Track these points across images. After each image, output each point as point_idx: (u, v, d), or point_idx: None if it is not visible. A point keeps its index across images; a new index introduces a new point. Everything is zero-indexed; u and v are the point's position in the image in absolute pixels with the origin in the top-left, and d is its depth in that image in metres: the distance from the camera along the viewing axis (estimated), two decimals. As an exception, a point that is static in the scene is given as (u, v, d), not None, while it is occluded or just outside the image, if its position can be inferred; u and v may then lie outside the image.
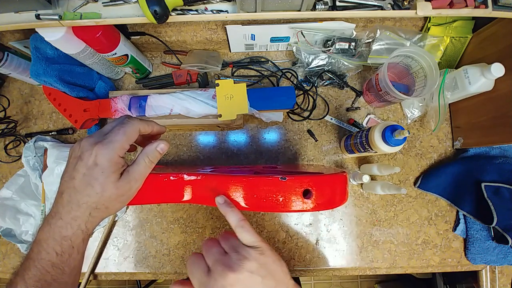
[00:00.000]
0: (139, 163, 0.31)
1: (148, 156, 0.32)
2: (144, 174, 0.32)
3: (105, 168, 0.29)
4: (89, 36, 0.48)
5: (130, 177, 0.30)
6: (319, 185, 0.28)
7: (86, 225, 0.29)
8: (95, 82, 0.62)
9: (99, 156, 0.28)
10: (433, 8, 0.43)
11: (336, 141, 0.64)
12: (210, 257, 0.30)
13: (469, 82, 0.52)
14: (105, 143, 0.29)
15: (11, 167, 0.64)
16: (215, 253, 0.30)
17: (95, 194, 0.29)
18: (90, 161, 0.28)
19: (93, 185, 0.28)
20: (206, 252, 0.31)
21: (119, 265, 0.60)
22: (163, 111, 0.55)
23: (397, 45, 0.58)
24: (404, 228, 0.61)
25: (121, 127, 0.30)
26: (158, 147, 0.32)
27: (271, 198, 0.29)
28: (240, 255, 0.29)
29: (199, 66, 0.61)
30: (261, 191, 0.29)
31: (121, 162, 0.30)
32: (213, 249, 0.31)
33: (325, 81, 0.64)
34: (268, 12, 0.45)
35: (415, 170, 0.63)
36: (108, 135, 0.30)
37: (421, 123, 0.64)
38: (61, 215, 0.29)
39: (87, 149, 0.29)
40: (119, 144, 0.29)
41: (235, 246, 0.31)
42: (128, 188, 0.30)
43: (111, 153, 0.29)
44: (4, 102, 0.65)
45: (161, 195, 0.34)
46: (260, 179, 0.29)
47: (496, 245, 0.58)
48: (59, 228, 0.28)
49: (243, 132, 0.64)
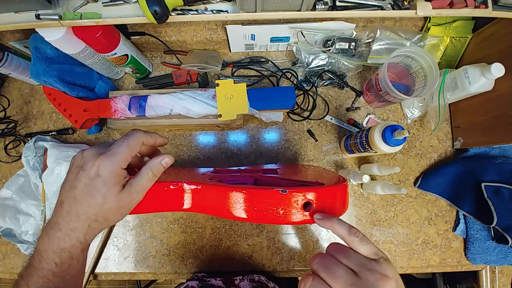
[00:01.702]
0: (142, 177, 0.31)
1: (152, 169, 0.32)
2: (147, 187, 0.32)
3: (107, 180, 0.28)
4: (89, 36, 0.48)
5: (132, 190, 0.30)
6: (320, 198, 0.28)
7: (84, 236, 0.29)
8: (95, 82, 0.62)
9: (101, 167, 0.28)
10: (433, 8, 0.43)
11: (336, 141, 0.64)
12: (339, 282, 0.25)
13: (469, 82, 0.52)
14: (108, 154, 0.29)
15: (11, 167, 0.64)
16: (344, 276, 0.25)
17: (96, 206, 0.29)
18: (93, 172, 0.28)
19: (94, 196, 0.28)
20: (330, 275, 0.25)
21: (119, 265, 0.60)
22: (163, 111, 0.55)
23: (397, 45, 0.58)
24: (404, 228, 0.61)
25: (125, 139, 0.30)
26: (162, 161, 0.32)
27: (271, 210, 0.29)
28: (378, 274, 0.24)
29: (199, 66, 0.61)
30: (262, 204, 0.29)
31: (123, 174, 0.30)
32: (338, 270, 0.25)
33: (325, 81, 0.64)
34: (268, 12, 0.45)
35: (415, 170, 0.63)
36: (112, 147, 0.30)
37: (421, 123, 0.64)
38: (60, 226, 0.28)
39: (90, 159, 0.29)
40: (122, 156, 0.29)
41: (363, 263, 0.26)
42: (130, 200, 0.30)
43: (114, 164, 0.29)
44: (4, 102, 0.65)
45: (161, 204, 0.34)
46: (261, 192, 0.29)
47: (496, 245, 0.58)
48: (58, 240, 0.28)
49: (243, 132, 0.64)
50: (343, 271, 0.25)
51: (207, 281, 0.52)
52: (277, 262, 0.59)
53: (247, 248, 0.60)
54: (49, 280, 0.28)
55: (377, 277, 0.24)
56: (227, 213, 0.30)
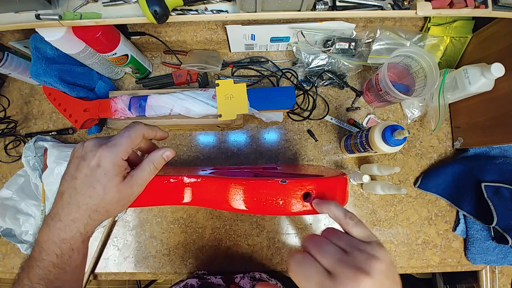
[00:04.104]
0: (143, 169, 0.31)
1: (153, 162, 0.32)
2: (148, 179, 0.32)
3: (108, 170, 0.28)
4: (89, 36, 0.48)
5: (133, 182, 0.30)
6: (319, 188, 0.28)
7: (85, 227, 0.29)
8: (95, 82, 0.62)
9: (102, 157, 0.28)
10: (433, 8, 0.43)
11: (336, 141, 0.64)
12: (327, 257, 0.25)
13: (469, 82, 0.52)
14: (109, 145, 0.29)
15: (11, 167, 0.64)
16: (333, 252, 0.25)
17: (97, 196, 0.28)
18: (93, 162, 0.28)
19: (95, 186, 0.28)
20: (319, 251, 0.26)
21: (119, 265, 0.60)
22: (163, 111, 0.55)
23: (397, 45, 0.58)
24: (404, 228, 0.61)
25: (126, 131, 0.30)
26: (164, 154, 0.32)
27: (271, 201, 0.29)
28: (367, 254, 0.24)
29: (199, 66, 0.61)
30: (261, 194, 0.29)
31: (124, 165, 0.30)
32: (328, 248, 0.26)
33: (325, 81, 0.64)
34: (268, 12, 0.45)
35: (415, 170, 0.63)
36: (113, 138, 0.30)
37: (421, 123, 0.64)
38: (60, 217, 0.28)
39: (91, 150, 0.29)
40: (123, 147, 0.29)
41: (354, 244, 0.26)
42: (130, 192, 0.30)
43: (115, 155, 0.29)
44: (4, 102, 0.65)
45: (161, 197, 0.34)
46: (261, 182, 0.29)
47: (496, 245, 0.58)
48: (58, 230, 0.28)
49: (243, 132, 0.64)
50: (333, 248, 0.26)
51: (207, 279, 0.52)
52: (277, 262, 0.59)
53: (247, 248, 0.60)
54: (49, 271, 0.28)
55: (366, 257, 0.24)
56: (227, 205, 0.30)
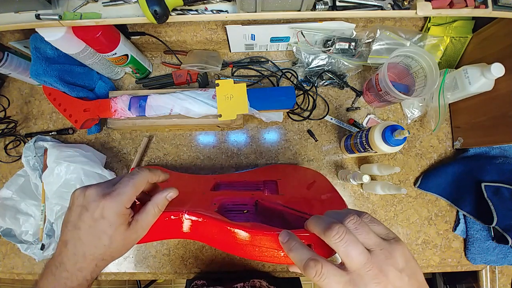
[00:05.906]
0: (148, 212, 0.31)
1: (158, 205, 0.32)
2: (152, 222, 0.32)
3: (113, 222, 0.28)
4: (89, 36, 0.48)
5: (138, 226, 0.30)
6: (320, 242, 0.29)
7: (91, 274, 0.29)
8: (95, 82, 0.62)
9: (106, 209, 0.28)
10: (433, 8, 0.43)
11: (336, 141, 0.64)
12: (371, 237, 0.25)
13: (469, 82, 0.52)
14: (113, 195, 0.29)
15: (11, 167, 0.64)
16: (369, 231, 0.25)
17: (103, 246, 0.28)
18: (97, 213, 0.28)
19: (100, 237, 0.28)
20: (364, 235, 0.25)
21: (119, 265, 0.60)
22: (163, 111, 0.55)
23: (397, 45, 0.58)
24: (404, 228, 0.61)
25: (130, 179, 0.30)
26: (168, 195, 0.32)
27: (272, 252, 0.30)
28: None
29: (199, 66, 0.61)
30: (263, 246, 0.30)
31: (128, 212, 0.30)
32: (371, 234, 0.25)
33: (325, 81, 0.64)
34: (268, 12, 0.45)
35: (415, 170, 0.63)
36: (117, 186, 0.29)
37: (421, 123, 0.64)
38: (66, 267, 0.28)
39: (94, 200, 0.28)
40: (127, 196, 0.29)
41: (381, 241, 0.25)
42: (136, 237, 0.31)
43: (119, 205, 0.28)
44: (4, 102, 0.65)
45: (162, 233, 0.34)
46: (264, 236, 0.30)
47: (496, 245, 0.58)
48: (65, 280, 0.28)
49: (243, 132, 0.64)
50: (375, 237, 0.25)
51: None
52: (277, 262, 0.59)
53: (247, 248, 0.60)
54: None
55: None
56: (229, 249, 0.31)
